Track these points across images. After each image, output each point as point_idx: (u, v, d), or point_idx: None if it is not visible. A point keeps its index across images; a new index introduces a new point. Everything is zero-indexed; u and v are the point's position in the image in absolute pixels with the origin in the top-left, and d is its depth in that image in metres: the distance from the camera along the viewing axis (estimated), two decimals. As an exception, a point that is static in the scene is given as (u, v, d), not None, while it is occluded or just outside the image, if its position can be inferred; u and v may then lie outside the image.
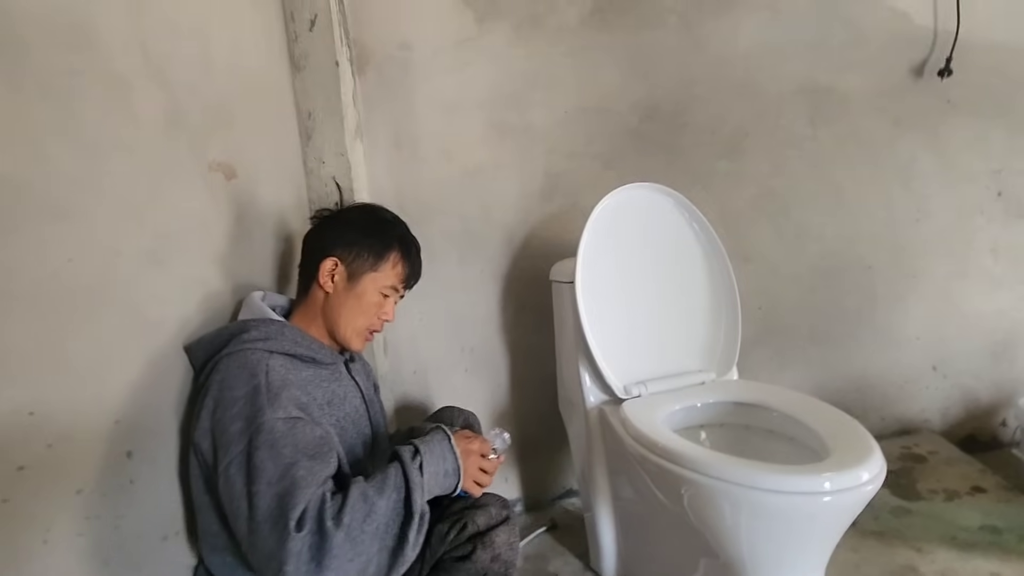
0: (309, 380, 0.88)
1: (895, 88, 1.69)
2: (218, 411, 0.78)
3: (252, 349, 0.83)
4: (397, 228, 1.00)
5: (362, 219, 0.99)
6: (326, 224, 1.00)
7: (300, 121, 1.24)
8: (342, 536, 0.68)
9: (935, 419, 1.83)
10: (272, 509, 0.69)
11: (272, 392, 0.78)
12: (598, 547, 1.25)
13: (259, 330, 0.86)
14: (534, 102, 1.48)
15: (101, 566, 0.73)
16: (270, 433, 0.73)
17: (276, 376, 0.81)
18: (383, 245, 0.96)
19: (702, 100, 1.59)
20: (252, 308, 0.93)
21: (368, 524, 0.71)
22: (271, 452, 0.72)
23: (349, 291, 0.95)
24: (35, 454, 0.65)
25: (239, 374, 0.80)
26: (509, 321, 1.53)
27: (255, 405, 0.76)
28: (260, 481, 0.71)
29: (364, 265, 0.95)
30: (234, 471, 0.73)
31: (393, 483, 0.76)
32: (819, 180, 1.69)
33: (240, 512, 0.72)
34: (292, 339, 0.88)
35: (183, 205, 0.91)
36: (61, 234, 0.70)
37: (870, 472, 0.80)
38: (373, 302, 0.96)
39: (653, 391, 1.18)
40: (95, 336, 0.73)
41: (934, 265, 1.78)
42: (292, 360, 0.87)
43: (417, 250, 1.02)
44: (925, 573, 1.18)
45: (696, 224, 1.31)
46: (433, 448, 0.82)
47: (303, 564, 0.67)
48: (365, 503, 0.72)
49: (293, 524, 0.67)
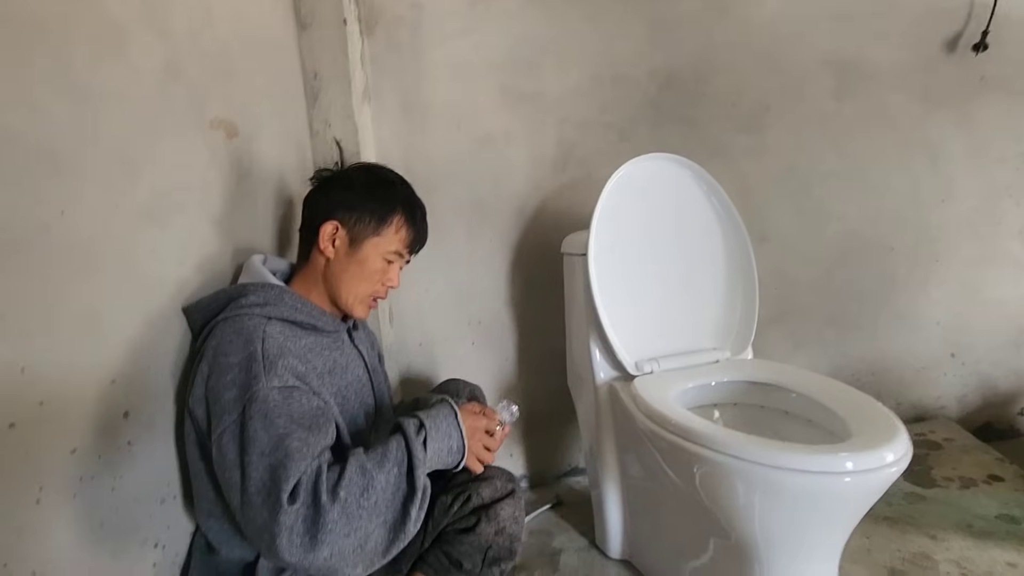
0: (309, 348, 0.85)
1: (926, 62, 1.62)
2: (212, 378, 0.76)
3: (249, 314, 0.80)
4: (401, 190, 0.95)
5: (364, 180, 0.94)
6: (326, 185, 0.96)
7: (306, 81, 1.20)
8: (338, 510, 0.66)
9: (951, 406, 1.79)
10: (265, 481, 0.67)
11: (268, 360, 0.75)
12: (604, 525, 1.23)
13: (257, 295, 0.83)
14: (548, 68, 1.43)
15: (97, 528, 0.72)
16: (264, 403, 0.71)
17: (273, 343, 0.78)
18: (386, 208, 0.92)
19: (723, 69, 1.52)
20: (252, 272, 0.90)
21: (366, 499, 0.68)
22: (264, 422, 0.70)
23: (351, 257, 0.91)
24: (26, 411, 0.63)
25: (235, 340, 0.77)
26: (518, 294, 1.49)
27: (250, 373, 0.73)
28: (253, 451, 0.68)
29: (366, 229, 0.91)
30: (227, 440, 0.71)
31: (394, 457, 0.73)
32: (842, 157, 1.63)
33: (233, 483, 0.69)
34: (292, 305, 0.85)
35: (182, 162, 0.87)
36: (53, 185, 0.66)
37: (895, 454, 0.77)
38: (376, 268, 0.92)
39: (665, 368, 1.15)
40: (90, 293, 0.70)
41: (958, 248, 1.72)
42: (291, 327, 0.84)
43: (423, 213, 0.97)
44: (939, 560, 1.15)
45: (715, 197, 1.26)
46: (439, 423, 0.80)
47: (296, 538, 0.64)
48: (363, 477, 0.69)
49: (286, 497, 0.65)
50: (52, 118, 0.67)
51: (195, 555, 0.86)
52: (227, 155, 0.97)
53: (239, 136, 1.00)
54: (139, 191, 0.78)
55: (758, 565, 0.89)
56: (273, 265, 0.95)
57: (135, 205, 0.78)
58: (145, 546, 0.79)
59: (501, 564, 0.87)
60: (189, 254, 0.89)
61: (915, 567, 1.14)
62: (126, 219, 0.76)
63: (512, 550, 0.87)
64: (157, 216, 0.82)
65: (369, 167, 0.99)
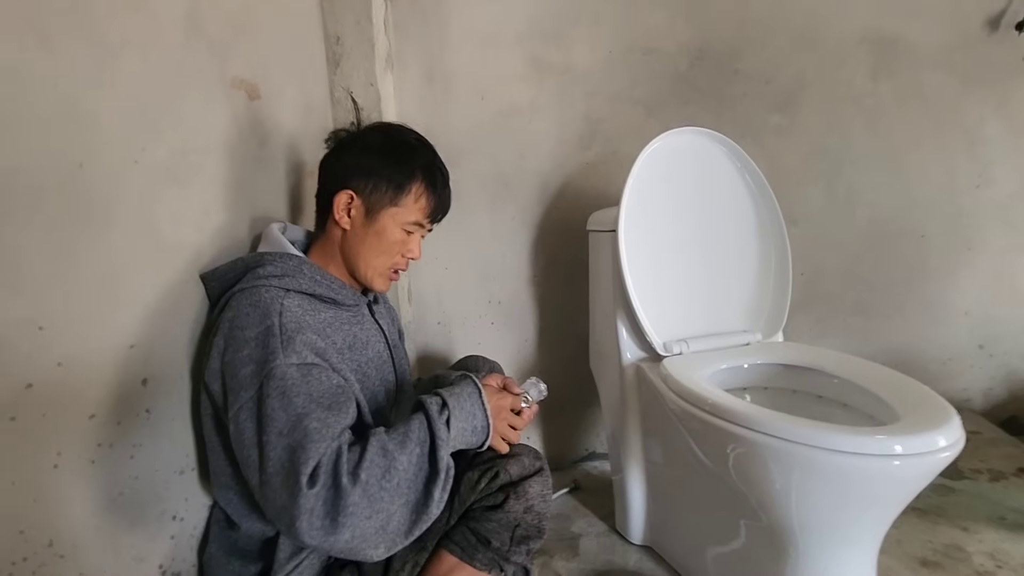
0: (328, 323, 0.81)
1: (966, 41, 1.56)
2: (228, 352, 0.72)
3: (267, 286, 0.76)
4: (421, 155, 0.88)
5: (382, 144, 0.87)
6: (341, 149, 0.89)
7: (328, 46, 1.16)
8: (359, 493, 0.63)
9: (977, 399, 1.75)
10: (284, 462, 0.64)
11: (286, 335, 0.71)
12: (626, 509, 1.20)
13: (275, 265, 0.79)
14: (577, 39, 1.38)
15: (115, 497, 0.69)
16: (282, 380, 0.68)
17: (291, 317, 0.74)
18: (404, 175, 0.85)
19: (757, 44, 1.47)
20: (270, 241, 0.85)
21: (388, 480, 0.66)
22: (283, 401, 0.66)
23: (368, 228, 0.85)
24: (44, 372, 0.60)
25: (251, 313, 0.73)
26: (539, 274, 1.45)
27: (267, 348, 0.70)
28: (271, 431, 0.65)
29: (383, 199, 0.85)
30: (244, 417, 0.68)
31: (416, 437, 0.70)
32: (877, 140, 1.57)
33: (251, 462, 0.66)
34: (311, 277, 0.81)
35: (203, 122, 0.84)
36: (71, 136, 0.63)
37: (947, 439, 0.73)
38: (395, 239, 0.86)
39: (695, 349, 1.11)
40: (108, 251, 0.67)
41: (991, 237, 1.67)
42: (310, 300, 0.80)
43: (444, 179, 0.90)
44: (973, 552, 1.12)
45: (749, 175, 1.22)
46: (463, 403, 0.76)
47: (316, 520, 0.62)
48: (385, 458, 0.66)
49: (305, 479, 0.62)
50: (71, 64, 0.63)
51: (213, 529, 0.83)
52: (248, 118, 0.94)
53: (261, 98, 0.96)
54: (159, 149, 0.75)
55: (793, 551, 0.85)
56: (292, 234, 0.91)
57: (155, 163, 0.74)
58: (163, 518, 0.77)
59: (529, 543, 0.84)
60: (209, 218, 0.85)
61: (948, 559, 1.11)
62: (145, 177, 0.73)
63: (540, 528, 0.84)
64: (177, 176, 0.78)
65: (387, 128, 0.92)
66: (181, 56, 0.80)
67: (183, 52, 0.80)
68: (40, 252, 0.60)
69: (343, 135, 0.91)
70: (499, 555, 0.83)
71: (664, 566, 1.13)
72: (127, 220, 0.70)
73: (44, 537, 0.61)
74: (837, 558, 0.85)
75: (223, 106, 0.89)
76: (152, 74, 0.75)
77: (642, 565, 1.14)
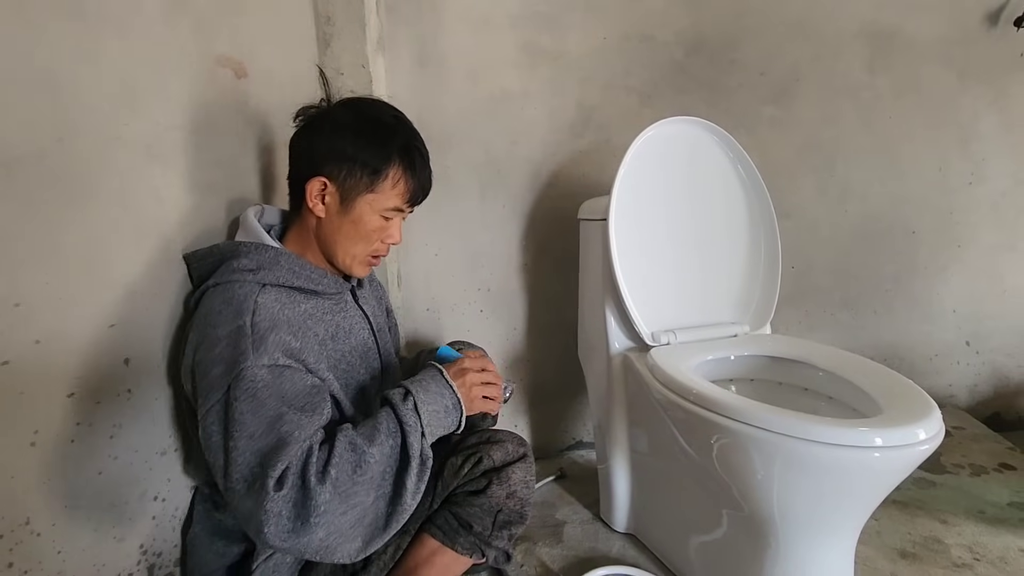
0: (308, 314, 0.78)
1: (965, 36, 1.55)
2: (200, 351, 0.70)
3: (240, 281, 0.74)
4: (398, 135, 0.82)
5: (355, 123, 0.80)
6: (311, 130, 0.83)
7: (318, 26, 1.14)
8: (328, 491, 0.62)
9: (962, 395, 1.76)
10: (252, 467, 0.62)
11: (257, 335, 0.69)
12: (610, 497, 1.21)
13: (250, 258, 0.76)
14: (571, 24, 1.36)
15: (94, 477, 0.69)
16: (252, 382, 0.65)
17: (264, 315, 0.71)
18: (380, 158, 0.79)
19: (754, 34, 1.45)
20: (247, 229, 0.82)
21: (360, 475, 0.65)
22: (252, 404, 0.64)
23: (344, 215, 0.80)
24: (21, 349, 0.60)
25: (223, 310, 0.71)
26: (530, 261, 1.45)
27: (237, 348, 0.67)
28: (240, 435, 0.63)
29: (358, 185, 0.79)
30: (212, 421, 0.66)
31: (386, 428, 0.69)
32: (871, 134, 1.57)
33: (217, 467, 0.65)
34: (288, 268, 0.78)
35: (187, 98, 0.83)
36: (50, 108, 0.62)
37: (927, 432, 0.74)
38: (373, 227, 0.82)
39: (682, 340, 1.11)
40: (87, 227, 0.66)
41: (982, 234, 1.67)
42: (289, 292, 0.77)
43: (424, 160, 0.84)
44: (951, 545, 1.13)
45: (742, 167, 1.21)
46: (427, 386, 0.74)
47: (285, 522, 0.61)
48: (354, 452, 0.65)
49: (272, 483, 0.60)
50: (48, 35, 0.62)
51: (198, 509, 0.83)
52: (234, 96, 0.92)
53: (248, 77, 0.95)
54: (141, 125, 0.74)
55: (773, 540, 0.86)
56: (268, 218, 0.88)
57: (137, 139, 0.73)
58: (144, 498, 0.77)
59: (511, 528, 0.84)
60: (192, 197, 0.84)
61: (926, 550, 1.12)
62: (128, 153, 0.72)
63: (522, 514, 0.85)
64: (160, 153, 0.77)
65: (360, 104, 0.84)
66: (164, 31, 0.78)
67: (166, 27, 0.79)
68: (16, 227, 0.59)
69: (312, 112, 0.85)
70: (481, 539, 0.83)
71: (647, 554, 1.14)
72: (108, 197, 0.69)
73: (21, 515, 0.60)
74: (816, 547, 0.86)
75: (209, 83, 0.87)
76: (133, 48, 0.73)
77: (625, 553, 1.15)
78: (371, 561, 0.83)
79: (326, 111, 0.84)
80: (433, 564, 0.83)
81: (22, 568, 0.60)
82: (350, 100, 0.85)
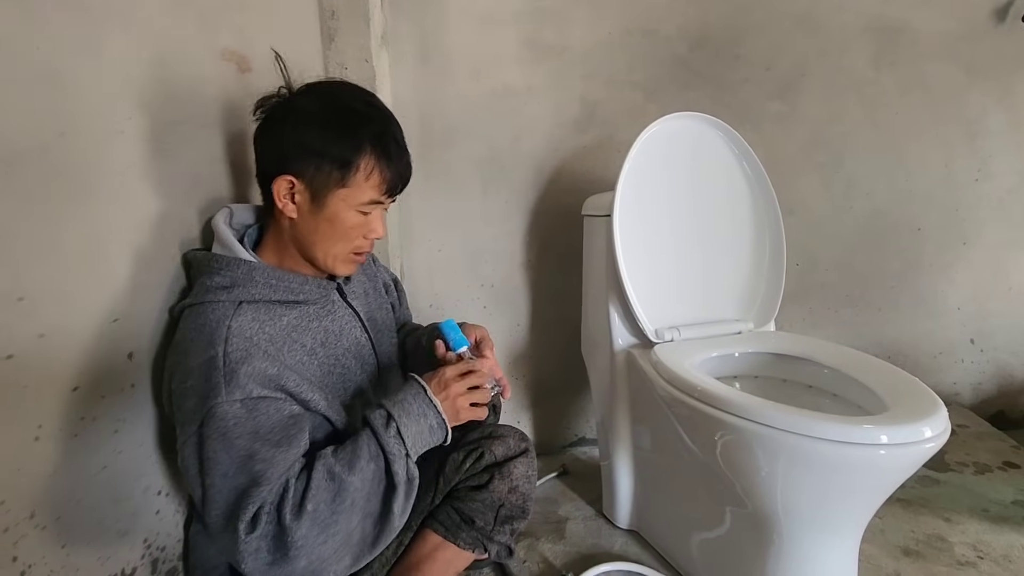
0: (293, 326, 0.75)
1: (972, 31, 1.54)
2: (174, 380, 0.69)
3: (214, 302, 0.71)
4: (369, 122, 0.74)
5: (321, 113, 0.73)
6: (274, 123, 0.76)
7: (322, 20, 1.13)
8: (306, 525, 0.62)
9: (966, 393, 1.76)
10: (229, 505, 0.62)
11: (228, 367, 0.66)
12: (613, 494, 1.21)
13: (223, 275, 0.72)
14: (575, 19, 1.35)
15: (98, 470, 0.69)
16: (222, 420, 0.64)
17: (237, 344, 0.68)
18: (350, 150, 0.73)
19: (759, 29, 1.44)
20: (220, 239, 0.76)
21: (339, 503, 0.65)
22: (224, 443, 0.63)
23: (317, 214, 0.74)
24: (25, 343, 0.60)
25: (196, 338, 0.69)
26: (533, 258, 1.45)
27: (209, 382, 0.65)
28: (214, 473, 0.63)
29: (329, 180, 0.73)
30: (188, 453, 0.66)
31: (367, 453, 0.68)
32: (877, 130, 1.56)
33: (197, 499, 0.65)
34: (265, 283, 0.74)
35: (192, 92, 0.82)
36: (52, 103, 0.62)
37: (933, 429, 0.73)
38: (351, 224, 0.76)
39: (686, 337, 1.11)
40: (90, 221, 0.66)
41: (988, 231, 1.66)
42: (268, 307, 0.74)
43: (399, 147, 0.77)
44: (955, 543, 1.13)
45: (747, 163, 1.21)
46: (408, 407, 0.71)
47: (264, 555, 0.62)
48: (332, 482, 0.65)
49: (243, 526, 0.61)
50: (51, 29, 0.61)
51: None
52: (238, 90, 0.92)
53: (252, 71, 0.94)
54: (144, 119, 0.74)
55: (777, 538, 0.86)
56: (240, 219, 0.82)
57: (141, 134, 0.73)
58: (148, 492, 0.77)
59: (513, 523, 0.84)
60: (197, 191, 0.84)
61: (930, 548, 1.12)
62: (131, 148, 0.72)
63: (524, 509, 0.85)
64: (164, 148, 0.77)
65: (322, 91, 0.77)
66: (167, 24, 0.78)
67: (169, 20, 0.78)
68: (18, 222, 0.59)
69: (273, 102, 0.78)
70: (483, 534, 0.83)
71: (649, 550, 1.14)
72: (111, 192, 0.69)
73: (26, 509, 0.60)
74: (820, 545, 0.86)
75: (213, 77, 0.87)
76: (137, 41, 0.73)
77: (627, 549, 1.15)
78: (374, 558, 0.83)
79: (288, 100, 0.77)
80: (435, 559, 0.84)
81: (27, 562, 0.60)
82: (314, 85, 0.78)
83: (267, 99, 0.78)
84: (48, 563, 0.63)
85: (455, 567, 0.86)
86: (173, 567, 0.82)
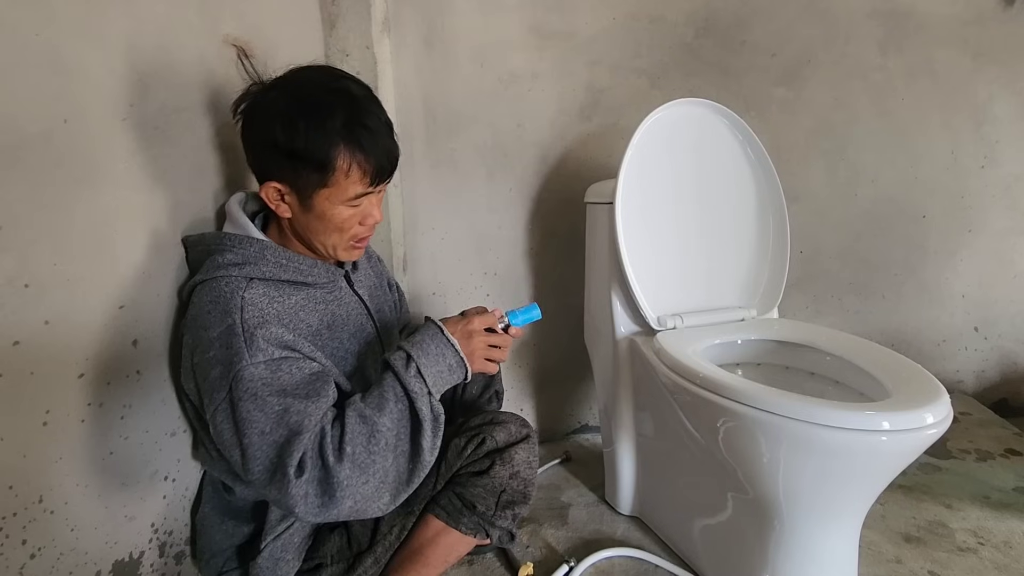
0: (300, 306, 0.77)
1: (981, 16, 1.52)
2: (196, 354, 0.71)
3: (226, 277, 0.72)
4: (334, 113, 0.71)
5: (286, 111, 0.71)
6: (247, 125, 0.76)
7: (323, 6, 1.12)
8: (348, 467, 0.66)
9: (969, 380, 1.76)
10: (271, 459, 0.65)
11: (248, 333, 0.68)
12: (615, 481, 1.22)
13: (235, 252, 0.75)
14: (580, 5, 1.34)
15: (105, 456, 0.70)
16: (251, 382, 0.66)
17: (253, 312, 0.70)
18: (322, 149, 0.71)
19: (765, 15, 1.43)
20: (232, 219, 0.79)
21: (374, 444, 0.68)
22: (256, 402, 0.66)
23: (308, 213, 0.75)
24: (31, 329, 0.60)
25: (212, 310, 0.71)
26: (536, 246, 1.44)
27: (231, 348, 0.67)
28: (251, 432, 0.65)
29: (309, 183, 0.73)
30: (221, 419, 0.67)
31: (392, 395, 0.71)
32: (882, 117, 1.54)
33: (235, 462, 0.68)
34: (275, 262, 0.76)
35: (194, 78, 0.82)
36: (56, 88, 0.62)
37: (935, 416, 0.73)
38: (343, 217, 0.76)
39: (689, 324, 1.11)
40: (95, 208, 0.66)
41: (993, 219, 1.65)
42: (277, 286, 0.76)
43: (373, 133, 0.73)
44: (956, 529, 1.14)
45: (751, 149, 1.20)
46: (427, 348, 0.74)
47: (314, 499, 0.65)
48: (365, 424, 0.68)
49: (293, 471, 0.64)
50: (55, 13, 0.61)
51: (207, 490, 0.84)
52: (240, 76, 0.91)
53: (254, 58, 0.94)
54: (148, 104, 0.74)
55: (778, 523, 0.87)
56: (254, 205, 0.84)
57: (144, 120, 0.73)
58: (155, 478, 0.78)
59: (514, 508, 0.85)
60: (201, 178, 0.84)
61: (931, 535, 1.12)
62: (134, 134, 0.72)
63: (526, 494, 0.85)
64: (167, 134, 0.77)
65: (288, 86, 0.74)
66: (170, 9, 0.78)
67: (171, 6, 0.78)
68: (24, 208, 0.59)
69: (245, 104, 0.76)
70: (484, 520, 0.84)
71: (651, 536, 1.15)
72: (115, 178, 0.69)
73: (34, 493, 0.61)
74: (821, 531, 0.86)
75: (215, 63, 0.87)
76: (140, 27, 0.72)
77: (630, 535, 1.16)
78: (376, 542, 0.84)
79: (256, 100, 0.75)
80: (438, 544, 0.84)
81: (36, 545, 0.61)
82: (280, 79, 0.76)
83: (239, 100, 0.78)
84: (57, 547, 0.64)
85: (457, 552, 0.87)
86: (180, 551, 0.83)
